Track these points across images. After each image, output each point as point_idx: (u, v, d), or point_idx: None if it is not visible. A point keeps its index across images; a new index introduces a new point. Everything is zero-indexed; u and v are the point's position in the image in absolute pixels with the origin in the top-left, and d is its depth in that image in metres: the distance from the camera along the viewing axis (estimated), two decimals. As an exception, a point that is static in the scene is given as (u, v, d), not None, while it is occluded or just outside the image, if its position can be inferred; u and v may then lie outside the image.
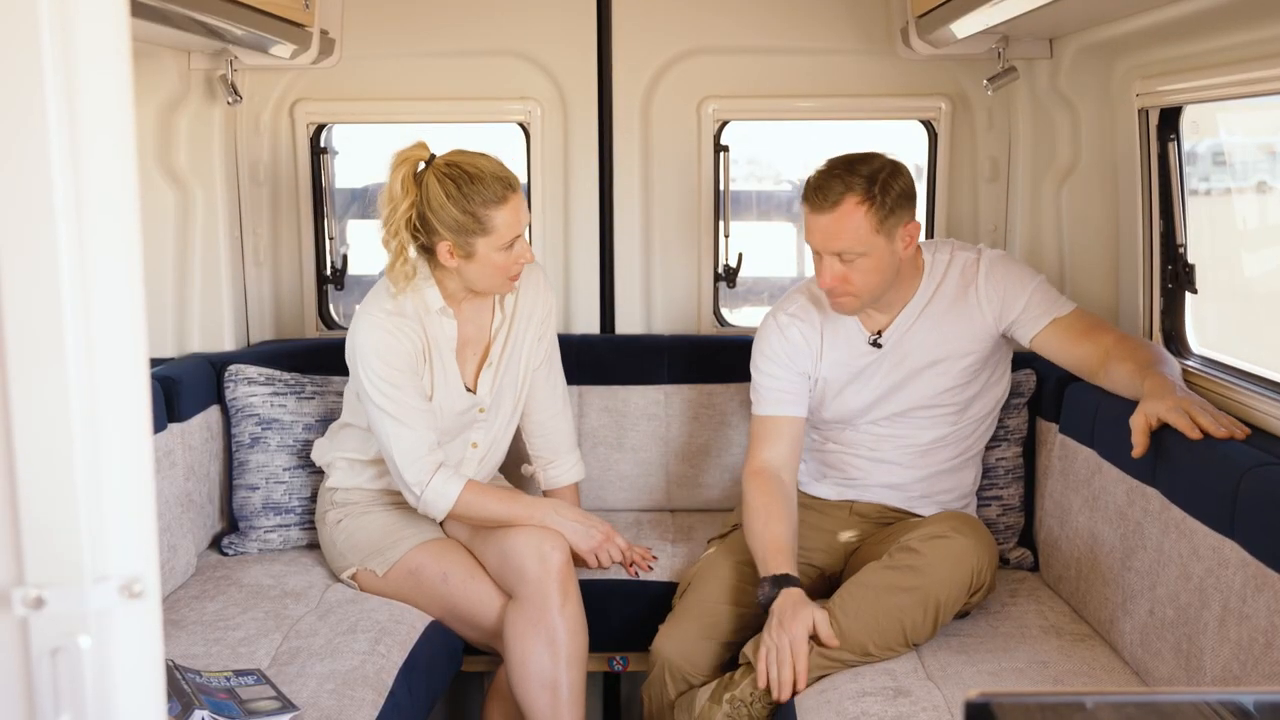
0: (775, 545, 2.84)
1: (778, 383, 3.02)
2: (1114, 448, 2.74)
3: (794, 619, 2.64)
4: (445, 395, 3.01)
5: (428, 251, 2.94)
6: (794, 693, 2.61)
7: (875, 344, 2.97)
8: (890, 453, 3.05)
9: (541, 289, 3.18)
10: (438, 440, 2.97)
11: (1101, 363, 2.78)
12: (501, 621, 2.91)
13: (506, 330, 3.11)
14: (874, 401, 3.02)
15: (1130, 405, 2.69)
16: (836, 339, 3.00)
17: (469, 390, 3.06)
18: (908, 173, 2.85)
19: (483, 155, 2.90)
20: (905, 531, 2.82)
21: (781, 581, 2.75)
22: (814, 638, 2.64)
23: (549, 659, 2.82)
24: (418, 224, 2.88)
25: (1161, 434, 2.50)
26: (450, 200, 2.83)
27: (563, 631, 2.83)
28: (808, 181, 2.84)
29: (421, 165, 2.90)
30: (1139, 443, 2.49)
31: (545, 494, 3.31)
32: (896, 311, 2.96)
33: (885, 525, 3.06)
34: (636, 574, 3.18)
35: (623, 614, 3.15)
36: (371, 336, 2.91)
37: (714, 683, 2.77)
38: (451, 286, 2.99)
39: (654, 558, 3.23)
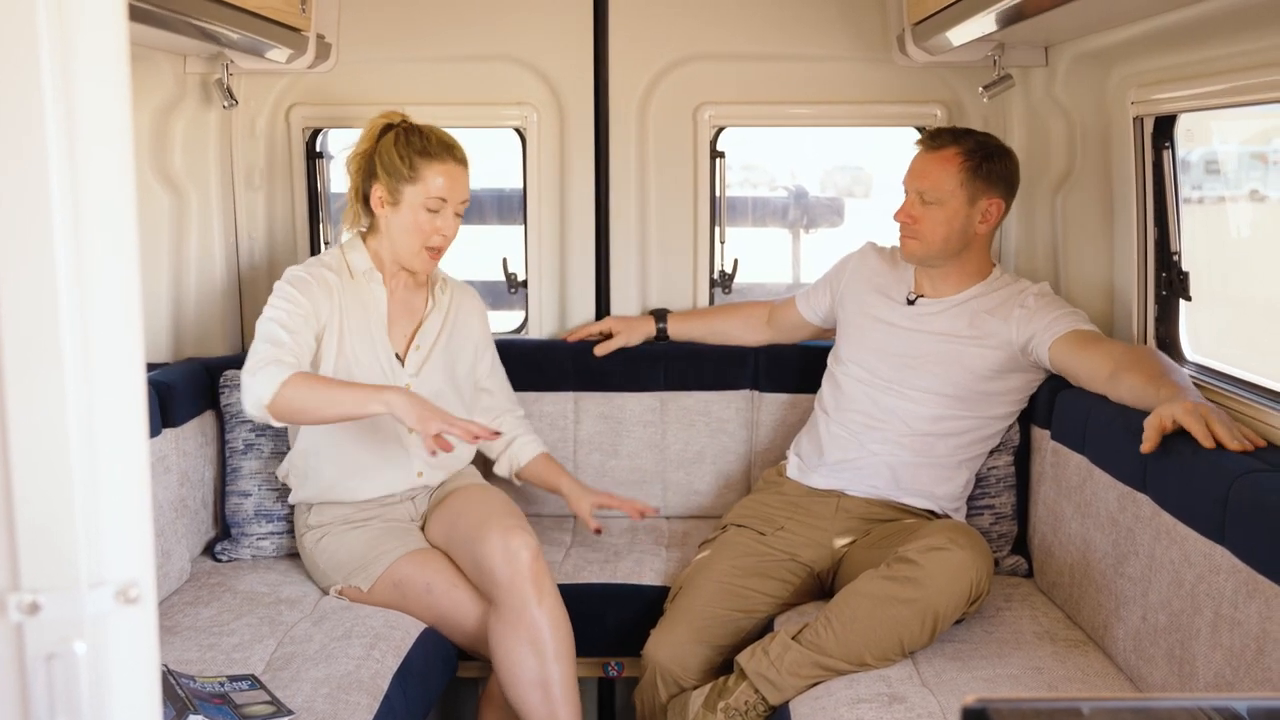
0: (698, 311, 3.73)
1: (818, 288, 3.47)
2: (1105, 454, 2.75)
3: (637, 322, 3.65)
4: (371, 356, 3.05)
5: (365, 204, 3.09)
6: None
7: (910, 301, 3.18)
8: (888, 427, 3.10)
9: (479, 311, 3.31)
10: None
11: (1111, 372, 2.78)
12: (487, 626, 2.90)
13: (440, 323, 3.18)
14: (883, 346, 3.15)
15: (1124, 411, 2.70)
16: (886, 280, 3.26)
17: (398, 359, 3.11)
18: (1016, 165, 3.11)
19: (445, 131, 3.09)
20: (901, 539, 2.83)
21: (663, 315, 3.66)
22: (797, 637, 2.67)
23: (534, 658, 2.80)
24: (368, 169, 3.06)
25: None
26: (395, 145, 3.01)
27: (544, 628, 2.81)
28: (927, 131, 3.18)
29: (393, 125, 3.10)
30: (1149, 439, 2.45)
31: (518, 477, 3.35)
32: (946, 293, 3.15)
33: (876, 522, 3.07)
34: (642, 516, 3.25)
35: (617, 618, 3.16)
36: (292, 272, 3.03)
37: (707, 687, 2.77)
38: (381, 254, 3.11)
39: (655, 510, 3.32)
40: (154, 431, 3.00)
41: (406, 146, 3.01)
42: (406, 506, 3.17)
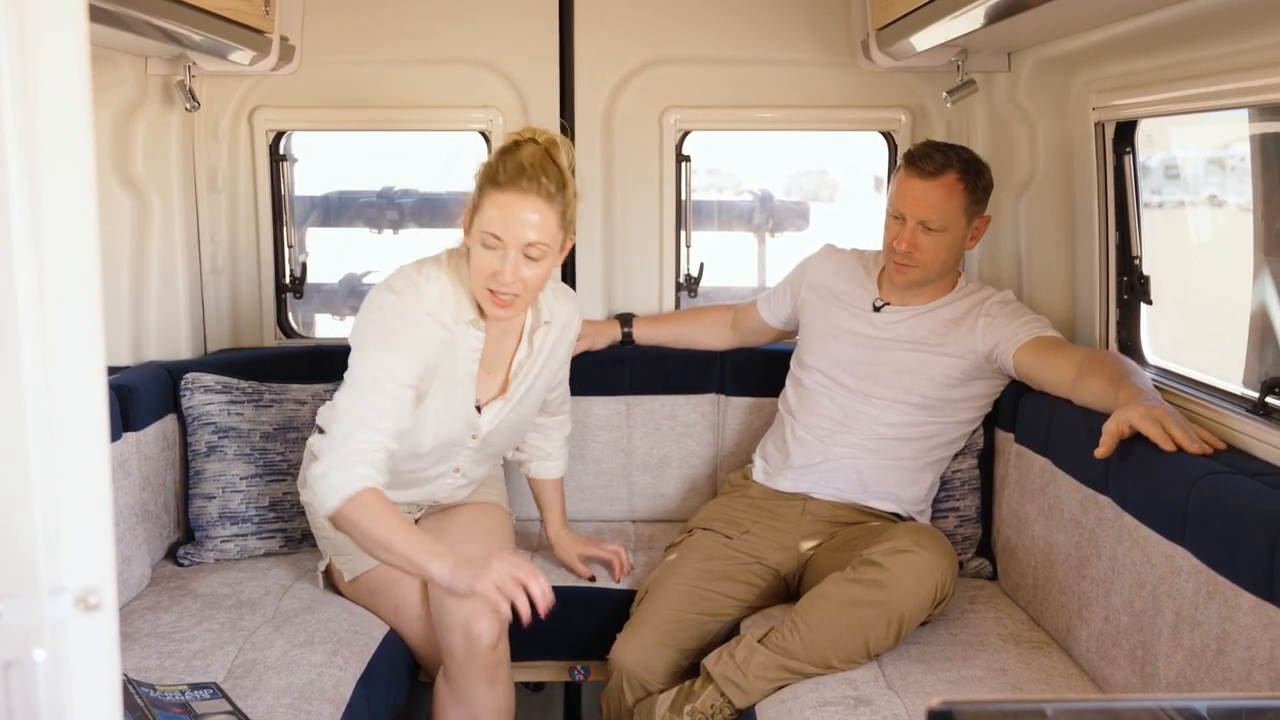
0: (663, 315, 3.72)
1: (779, 291, 3.47)
2: (1068, 457, 2.77)
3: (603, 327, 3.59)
4: (446, 409, 2.76)
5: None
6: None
7: (876, 309, 3.18)
8: (853, 431, 3.11)
9: (569, 340, 3.02)
10: (388, 451, 2.60)
11: (1075, 378, 2.81)
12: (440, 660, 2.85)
13: (534, 373, 2.92)
14: (847, 354, 3.16)
15: (1086, 414, 2.72)
16: (849, 285, 3.27)
17: (476, 410, 2.85)
18: (992, 176, 3.13)
19: (550, 157, 2.62)
20: (866, 541, 2.84)
21: (628, 319, 3.65)
22: (763, 640, 2.67)
23: None
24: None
25: (1120, 442, 2.52)
26: (486, 168, 2.64)
27: (489, 714, 2.75)
28: (911, 150, 3.12)
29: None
30: (1106, 445, 2.46)
31: (530, 484, 3.29)
32: (913, 302, 3.17)
33: (841, 525, 3.08)
34: (623, 573, 3.20)
35: (585, 622, 3.15)
36: (400, 320, 2.63)
37: (673, 691, 2.77)
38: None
39: (628, 568, 3.22)
40: (114, 435, 2.96)
41: (488, 169, 2.63)
42: (411, 509, 3.11)
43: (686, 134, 3.79)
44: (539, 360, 2.92)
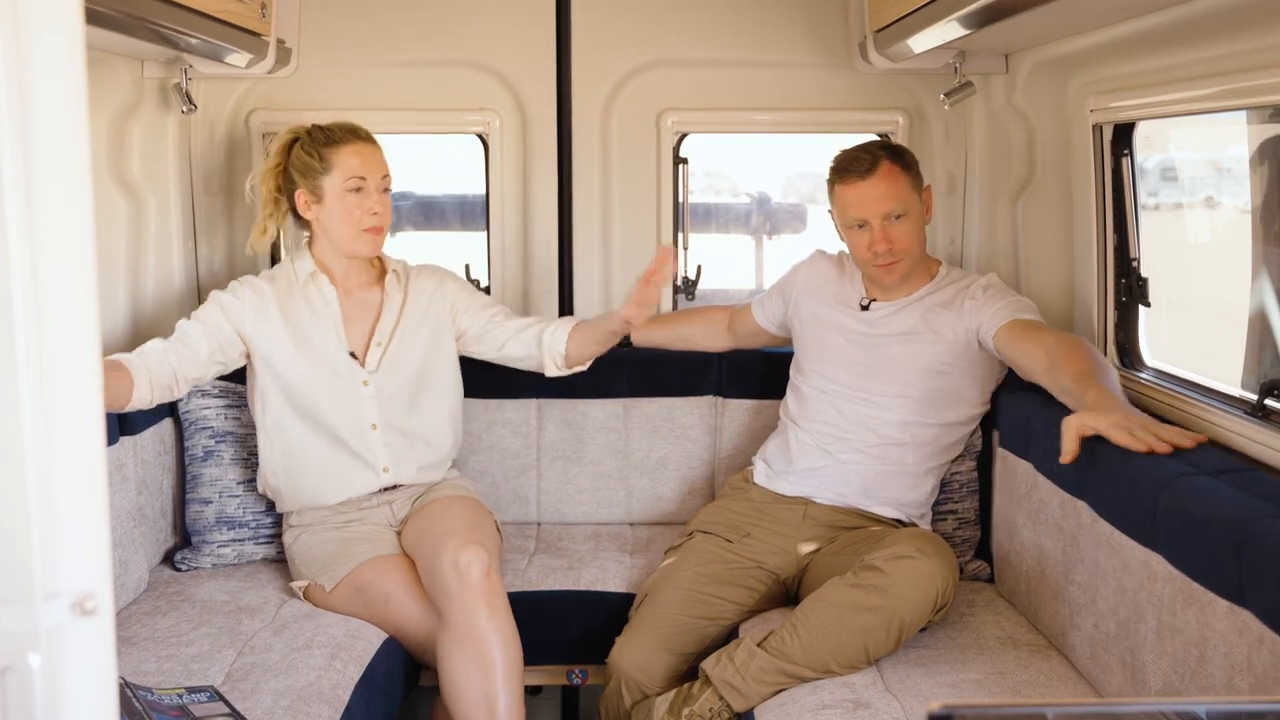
0: (661, 316, 3.65)
1: (771, 295, 3.46)
2: (1046, 461, 2.75)
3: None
4: (325, 357, 3.11)
5: (296, 216, 3.17)
6: None
7: (864, 307, 3.19)
8: (856, 437, 3.11)
9: (439, 283, 3.29)
10: (166, 377, 2.98)
11: (1047, 366, 2.79)
12: None
13: (396, 315, 3.19)
14: (843, 354, 3.17)
15: (1059, 418, 2.65)
16: (838, 288, 3.29)
17: (353, 356, 3.13)
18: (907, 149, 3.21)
19: (347, 120, 3.16)
20: (867, 546, 2.84)
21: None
22: (762, 644, 2.67)
23: (480, 676, 2.74)
24: (281, 184, 3.15)
25: (1088, 445, 2.45)
26: (303, 149, 3.10)
27: (493, 646, 2.75)
28: (835, 164, 3.15)
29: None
30: (1068, 449, 2.43)
31: (573, 364, 3.31)
32: (898, 295, 3.17)
33: (842, 530, 3.07)
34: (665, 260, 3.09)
35: (583, 625, 3.15)
36: (233, 284, 3.16)
37: (671, 693, 2.77)
38: (326, 258, 3.16)
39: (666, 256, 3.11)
40: (110, 440, 2.96)
41: (313, 144, 3.09)
42: (384, 511, 3.15)
43: (684, 136, 3.78)
44: (403, 305, 3.21)
